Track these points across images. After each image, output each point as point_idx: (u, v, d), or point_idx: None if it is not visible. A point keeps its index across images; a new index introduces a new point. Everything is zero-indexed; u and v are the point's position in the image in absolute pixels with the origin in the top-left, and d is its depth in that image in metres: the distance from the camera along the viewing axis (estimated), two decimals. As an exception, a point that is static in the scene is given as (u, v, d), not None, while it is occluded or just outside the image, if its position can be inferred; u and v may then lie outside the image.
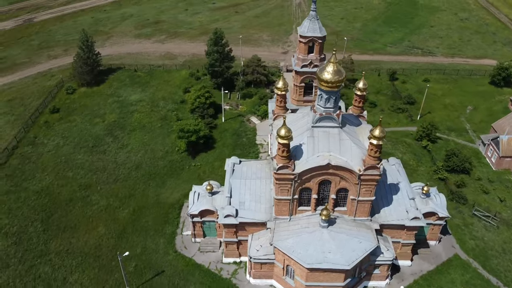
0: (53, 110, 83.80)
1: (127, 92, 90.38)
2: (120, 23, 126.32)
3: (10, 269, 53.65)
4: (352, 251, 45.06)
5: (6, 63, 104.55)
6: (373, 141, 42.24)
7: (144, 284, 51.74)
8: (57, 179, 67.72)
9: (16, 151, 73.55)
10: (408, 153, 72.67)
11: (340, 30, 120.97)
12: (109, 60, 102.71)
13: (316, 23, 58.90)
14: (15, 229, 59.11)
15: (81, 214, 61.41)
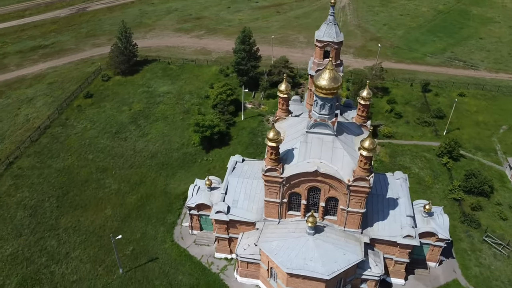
0: (87, 95, 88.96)
1: (157, 83, 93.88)
2: (164, 17, 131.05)
3: (22, 238, 58.12)
4: (335, 262, 44.28)
5: (55, 48, 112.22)
6: (363, 152, 41.22)
7: (137, 268, 53.98)
8: (78, 160, 72.06)
9: (48, 131, 79.01)
10: (426, 169, 69.61)
11: (380, 36, 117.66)
12: (147, 52, 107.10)
13: (333, 28, 58.00)
14: (32, 202, 63.79)
15: (93, 195, 65.00)
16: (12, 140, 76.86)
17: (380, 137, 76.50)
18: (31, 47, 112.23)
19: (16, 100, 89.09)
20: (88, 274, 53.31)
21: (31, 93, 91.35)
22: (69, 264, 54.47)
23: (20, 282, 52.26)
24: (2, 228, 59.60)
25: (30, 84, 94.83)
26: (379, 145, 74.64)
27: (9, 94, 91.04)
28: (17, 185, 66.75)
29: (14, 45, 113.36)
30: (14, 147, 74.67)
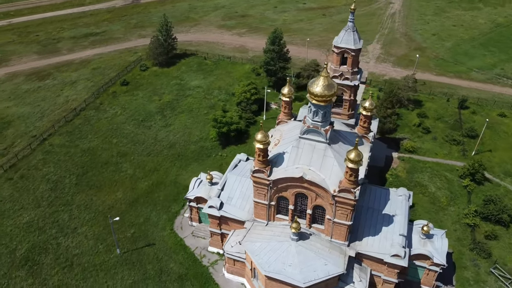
0: (123, 82, 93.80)
1: (190, 77, 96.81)
2: (210, 13, 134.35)
3: (39, 209, 62.97)
4: (313, 271, 43.69)
5: (104, 36, 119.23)
6: (348, 163, 40.23)
7: (134, 251, 56.55)
8: (103, 143, 76.41)
9: (82, 113, 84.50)
10: (444, 189, 65.98)
11: (426, 46, 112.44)
12: (187, 46, 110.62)
13: (351, 35, 56.90)
14: (55, 177, 68.76)
15: (109, 177, 68.75)
16: (49, 119, 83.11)
17: (401, 150, 73.56)
18: (84, 34, 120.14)
19: (61, 82, 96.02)
20: (89, 250, 56.78)
21: (75, 76, 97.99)
22: (75, 239, 58.30)
23: (29, 249, 56.82)
24: (25, 198, 64.97)
25: (76, 68, 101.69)
26: (399, 159, 71.93)
27: (56, 76, 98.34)
28: (45, 160, 72.27)
29: (69, 31, 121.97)
30: (50, 125, 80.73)
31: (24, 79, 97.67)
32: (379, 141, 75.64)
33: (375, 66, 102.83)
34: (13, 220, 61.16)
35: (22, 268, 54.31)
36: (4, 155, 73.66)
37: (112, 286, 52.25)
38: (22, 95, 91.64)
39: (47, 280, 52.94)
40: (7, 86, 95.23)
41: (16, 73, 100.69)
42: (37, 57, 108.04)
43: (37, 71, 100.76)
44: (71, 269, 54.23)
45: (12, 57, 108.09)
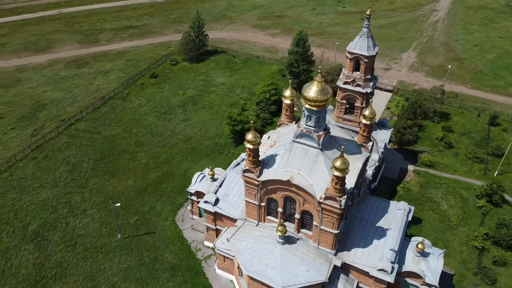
0: (152, 75, 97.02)
1: (216, 74, 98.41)
2: (247, 12, 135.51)
3: (56, 189, 66.82)
4: (294, 276, 43.37)
5: (143, 29, 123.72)
6: (334, 172, 39.48)
7: (134, 237, 58.68)
8: (123, 131, 79.62)
9: (109, 102, 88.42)
10: (457, 208, 62.86)
11: (465, 57, 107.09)
12: (219, 43, 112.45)
13: (366, 41, 55.97)
14: (75, 160, 72.61)
15: (123, 165, 71.58)
16: (79, 105, 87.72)
17: (418, 164, 70.82)
18: (124, 26, 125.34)
19: (96, 71, 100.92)
20: (93, 232, 59.59)
21: (109, 66, 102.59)
22: (82, 220, 61.37)
23: (40, 225, 60.54)
24: (45, 177, 69.16)
25: (112, 58, 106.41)
26: (414, 172, 69.32)
27: (92, 65, 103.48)
28: (68, 144, 76.45)
29: (111, 23, 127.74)
30: (78, 111, 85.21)
31: (63, 66, 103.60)
32: (396, 152, 73.40)
33: (406, 75, 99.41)
34: (31, 197, 65.36)
35: (31, 242, 58.03)
36: (33, 136, 78.74)
37: (108, 268, 54.62)
38: (59, 80, 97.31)
39: (51, 256, 56.21)
40: (48, 71, 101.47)
41: (57, 60, 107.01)
42: (78, 46, 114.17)
43: (76, 59, 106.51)
44: (74, 248, 57.24)
45: (56, 45, 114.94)
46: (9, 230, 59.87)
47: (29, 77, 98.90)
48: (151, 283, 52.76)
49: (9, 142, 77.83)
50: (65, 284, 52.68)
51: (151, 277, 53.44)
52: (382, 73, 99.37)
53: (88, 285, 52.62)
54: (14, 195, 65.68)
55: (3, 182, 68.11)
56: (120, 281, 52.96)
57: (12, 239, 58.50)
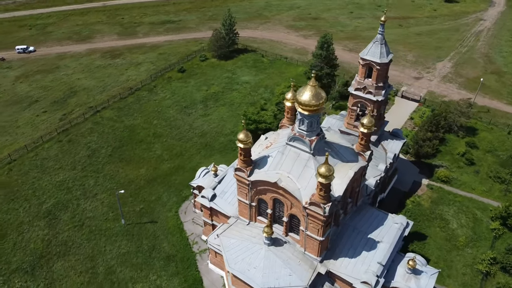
0: (180, 69, 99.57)
1: (242, 72, 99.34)
2: (283, 12, 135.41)
3: (73, 171, 70.47)
4: (275, 278, 43.31)
5: (179, 24, 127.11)
6: (318, 178, 38.97)
7: (137, 224, 60.81)
8: (144, 122, 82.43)
9: (136, 93, 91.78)
10: (467, 228, 59.83)
11: (506, 71, 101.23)
12: (251, 42, 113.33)
13: (379, 48, 54.63)
14: (95, 146, 76.16)
15: (139, 154, 74.19)
16: (108, 94, 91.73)
17: (434, 178, 68.00)
18: (162, 21, 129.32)
19: (128, 62, 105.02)
20: (100, 215, 62.37)
21: (142, 59, 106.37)
22: (92, 204, 64.37)
23: (54, 204, 64.19)
24: (66, 160, 73.12)
25: (145, 51, 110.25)
26: (427, 187, 66.71)
27: (125, 56, 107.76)
28: (92, 130, 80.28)
29: (150, 17, 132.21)
30: (106, 99, 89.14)
31: (100, 56, 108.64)
32: (412, 164, 70.93)
33: (437, 85, 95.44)
34: (50, 177, 69.38)
35: (43, 219, 61.71)
36: (61, 120, 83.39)
37: (108, 251, 57.04)
38: (93, 69, 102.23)
39: (59, 234, 59.51)
40: (85, 60, 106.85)
41: (95, 49, 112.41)
42: (117, 38, 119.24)
43: (112, 50, 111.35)
44: (80, 229, 60.23)
45: (97, 36, 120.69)
46: (26, 206, 63.99)
47: (67, 65, 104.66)
48: (145, 269, 54.57)
49: (40, 124, 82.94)
50: (67, 262, 55.65)
51: (146, 264, 55.27)
52: (411, 82, 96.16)
53: (87, 265, 55.29)
54: (36, 174, 70.02)
55: (28, 161, 72.78)
56: (117, 265, 55.20)
57: (27, 215, 62.49)
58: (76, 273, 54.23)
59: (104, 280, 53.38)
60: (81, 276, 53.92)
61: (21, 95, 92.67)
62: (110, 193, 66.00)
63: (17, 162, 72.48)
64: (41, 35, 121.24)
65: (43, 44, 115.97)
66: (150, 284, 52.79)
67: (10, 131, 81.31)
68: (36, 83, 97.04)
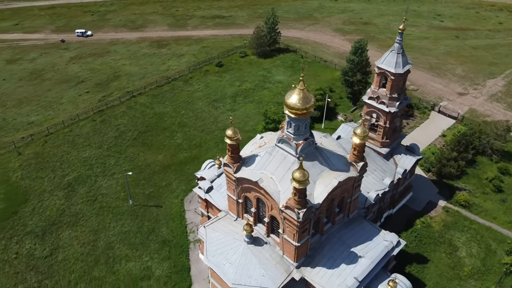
0: (218, 64, 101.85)
1: (278, 71, 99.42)
2: (334, 15, 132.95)
3: (99, 150, 75.18)
4: (248, 277, 43.43)
5: (228, 20, 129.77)
6: (293, 183, 38.45)
7: (143, 206, 63.73)
8: (173, 111, 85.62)
9: (172, 82, 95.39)
10: (477, 258, 55.50)
11: None
12: (294, 42, 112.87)
13: (395, 57, 52.68)
14: (123, 129, 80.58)
15: (160, 141, 77.36)
16: (146, 81, 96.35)
17: (452, 201, 63.81)
18: (213, 15, 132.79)
19: (172, 53, 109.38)
20: (113, 193, 66.15)
21: (185, 50, 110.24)
22: (108, 182, 68.39)
23: (75, 178, 69.09)
24: (95, 138, 78.19)
25: (190, 43, 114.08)
26: (443, 209, 62.78)
27: (171, 47, 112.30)
28: (124, 113, 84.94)
29: (203, 11, 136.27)
30: (143, 85, 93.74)
31: (148, 45, 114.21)
32: (431, 184, 67.12)
33: (482, 103, 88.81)
34: (78, 152, 74.66)
35: (62, 191, 66.73)
36: (100, 101, 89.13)
37: (112, 228, 60.47)
38: (139, 57, 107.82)
39: (73, 206, 64.07)
40: (133, 47, 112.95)
41: (145, 38, 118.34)
42: (167, 28, 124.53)
43: (160, 40, 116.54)
44: (92, 204, 64.37)
45: (149, 25, 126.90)
46: (51, 177, 69.56)
47: (116, 50, 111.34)
48: (140, 250, 57.20)
49: (80, 103, 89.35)
50: (74, 232, 59.85)
51: (142, 245, 57.89)
52: (453, 97, 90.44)
53: (90, 237, 59.08)
54: (66, 148, 75.72)
55: (62, 136, 78.83)
56: (116, 241, 58.40)
57: (50, 184, 67.91)
58: (79, 244, 58.22)
59: (101, 253, 56.79)
60: (83, 247, 57.80)
61: (71, 75, 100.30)
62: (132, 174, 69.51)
63: (53, 136, 78.84)
64: (101, 21, 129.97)
65: (100, 30, 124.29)
66: (141, 264, 55.32)
67: (54, 106, 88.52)
68: (86, 65, 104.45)
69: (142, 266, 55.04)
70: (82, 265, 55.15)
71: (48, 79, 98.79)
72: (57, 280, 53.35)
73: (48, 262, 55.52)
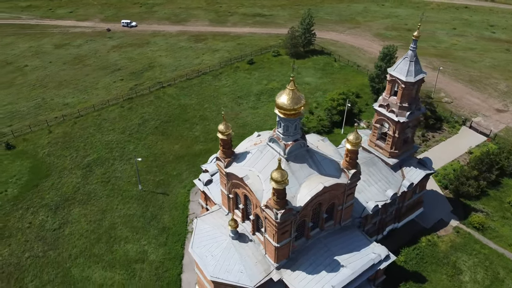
0: (250, 61, 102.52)
1: (308, 73, 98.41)
2: (378, 19, 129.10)
3: (121, 135, 78.49)
4: (226, 271, 43.72)
5: (269, 19, 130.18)
6: (271, 182, 38.11)
7: (151, 192, 65.88)
8: (197, 104, 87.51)
9: (202, 76, 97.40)
10: (480, 285, 51.87)
11: None
12: (330, 45, 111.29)
13: (407, 65, 50.86)
14: (147, 117, 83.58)
15: (179, 132, 79.44)
16: (178, 73, 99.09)
17: (465, 222, 60.16)
18: (254, 13, 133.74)
19: (208, 47, 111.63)
20: (126, 177, 68.91)
21: (220, 46, 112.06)
22: (124, 166, 71.30)
23: (95, 159, 72.68)
24: (120, 124, 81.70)
25: (226, 40, 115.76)
26: (453, 230, 59.37)
27: (207, 42, 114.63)
28: (151, 102, 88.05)
29: (245, 8, 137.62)
30: (173, 77, 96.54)
31: (186, 39, 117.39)
32: (446, 201, 63.72)
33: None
34: (102, 136, 78.50)
35: (81, 170, 70.54)
36: (131, 89, 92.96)
37: (119, 209, 63.09)
38: (176, 50, 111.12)
39: (88, 185, 67.55)
40: (172, 40, 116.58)
41: (185, 32, 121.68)
42: (208, 24, 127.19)
43: (198, 35, 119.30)
44: (105, 185, 67.50)
45: (191, 19, 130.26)
46: (73, 156, 73.76)
47: (156, 42, 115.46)
48: (140, 234, 59.26)
49: (113, 89, 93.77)
50: (83, 210, 63.16)
51: (143, 229, 59.94)
52: (490, 114, 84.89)
53: (97, 216, 62.06)
54: (92, 131, 79.86)
55: (91, 119, 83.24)
56: (119, 223, 60.91)
57: (71, 163, 72.05)
58: (86, 221, 61.38)
59: (104, 233, 59.50)
60: (89, 224, 60.89)
61: (110, 62, 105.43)
62: (142, 160, 72.09)
63: (82, 118, 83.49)
64: (146, 13, 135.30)
65: (145, 21, 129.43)
66: (138, 247, 57.34)
67: (89, 91, 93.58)
68: (125, 54, 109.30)
69: (138, 249, 57.07)
70: (84, 241, 58.17)
71: (89, 65, 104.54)
72: (60, 252, 56.70)
73: (55, 235, 59.13)
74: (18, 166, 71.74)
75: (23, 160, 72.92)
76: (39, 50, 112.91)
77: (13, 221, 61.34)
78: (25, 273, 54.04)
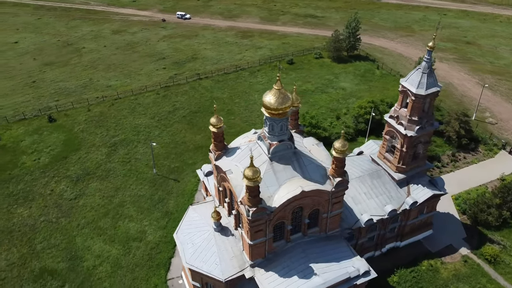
0: (290, 61, 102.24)
1: (345, 78, 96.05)
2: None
3: (151, 120, 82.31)
4: (203, 261, 44.65)
5: (320, 21, 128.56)
6: (243, 180, 38.22)
7: (163, 177, 68.61)
8: (228, 99, 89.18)
9: (239, 72, 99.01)
10: (477, 320, 48.00)
11: None
12: (376, 51, 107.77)
13: (419, 77, 48.61)
14: (178, 105, 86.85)
15: (204, 123, 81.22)
16: (217, 67, 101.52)
17: (476, 252, 55.66)
18: (306, 14, 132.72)
19: (252, 44, 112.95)
20: (144, 160, 72.30)
21: (265, 44, 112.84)
22: (145, 149, 74.77)
23: (121, 140, 76.99)
24: (152, 109, 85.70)
25: (272, 38, 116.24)
26: (462, 258, 55.27)
27: (253, 39, 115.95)
28: (185, 92, 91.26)
29: (298, 8, 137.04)
30: (212, 70, 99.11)
31: (233, 34, 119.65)
32: (461, 227, 59.46)
33: None
34: (133, 119, 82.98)
35: (107, 148, 75.21)
36: (170, 78, 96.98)
37: (131, 189, 66.51)
38: (221, 44, 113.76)
39: (109, 163, 71.92)
40: (220, 34, 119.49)
41: (234, 27, 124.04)
42: (258, 21, 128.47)
43: (246, 31, 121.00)
44: (124, 165, 71.41)
45: (243, 16, 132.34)
46: (103, 134, 78.83)
47: (204, 35, 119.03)
48: (144, 214, 62.09)
49: (154, 76, 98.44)
50: (100, 185, 67.46)
51: (148, 211, 62.75)
52: (538, 140, 77.26)
53: (110, 193, 65.94)
54: (125, 113, 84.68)
55: (127, 102, 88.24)
56: (128, 202, 64.25)
57: (100, 141, 77.08)
58: (100, 196, 65.52)
59: (112, 209, 63.16)
60: (101, 199, 64.95)
61: (157, 51, 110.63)
62: (162, 146, 75.34)
63: (120, 100, 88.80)
64: (202, 7, 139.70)
65: (199, 14, 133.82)
66: (140, 227, 60.18)
67: (132, 76, 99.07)
68: (173, 44, 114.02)
69: (139, 229, 59.92)
70: (93, 214, 62.24)
71: (138, 51, 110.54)
72: (71, 220, 61.19)
73: (70, 204, 63.88)
74: (54, 138, 78.22)
75: (59, 133, 79.34)
76: (98, 35, 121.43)
77: (38, 187, 67.21)
78: (36, 235, 59.16)
